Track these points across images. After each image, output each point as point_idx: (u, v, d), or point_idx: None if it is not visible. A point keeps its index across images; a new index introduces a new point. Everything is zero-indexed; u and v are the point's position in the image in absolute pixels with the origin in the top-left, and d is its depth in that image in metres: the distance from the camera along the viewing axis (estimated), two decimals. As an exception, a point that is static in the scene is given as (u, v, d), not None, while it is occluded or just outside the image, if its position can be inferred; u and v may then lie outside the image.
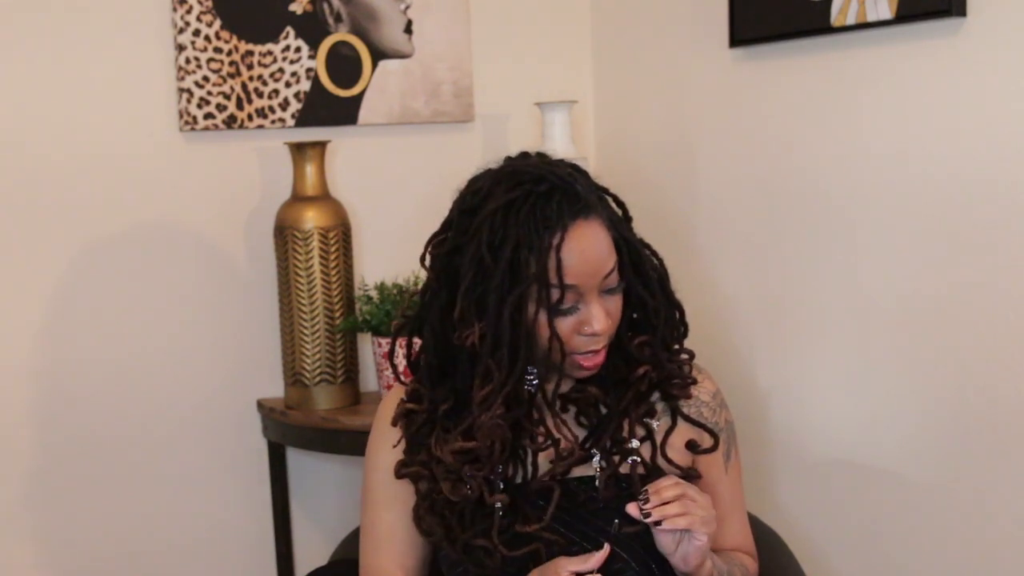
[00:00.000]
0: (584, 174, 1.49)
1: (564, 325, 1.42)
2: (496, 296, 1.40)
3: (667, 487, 1.39)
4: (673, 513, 1.37)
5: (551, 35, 2.68)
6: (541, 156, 1.51)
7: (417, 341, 1.56)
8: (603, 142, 2.68)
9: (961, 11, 1.78)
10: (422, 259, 1.52)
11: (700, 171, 2.38)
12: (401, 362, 1.59)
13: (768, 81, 2.19)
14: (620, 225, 1.48)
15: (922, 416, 1.93)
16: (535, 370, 1.45)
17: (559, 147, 2.36)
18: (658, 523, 1.37)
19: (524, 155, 1.52)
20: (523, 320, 1.40)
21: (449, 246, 1.47)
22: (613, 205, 1.51)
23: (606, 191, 1.51)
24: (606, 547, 1.38)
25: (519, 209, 1.40)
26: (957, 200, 1.83)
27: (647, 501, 1.38)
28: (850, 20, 1.94)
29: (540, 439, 1.45)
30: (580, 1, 2.69)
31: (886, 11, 1.88)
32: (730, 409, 1.61)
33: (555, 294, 1.39)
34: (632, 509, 1.38)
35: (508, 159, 1.51)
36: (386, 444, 1.55)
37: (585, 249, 1.40)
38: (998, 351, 1.79)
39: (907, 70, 1.90)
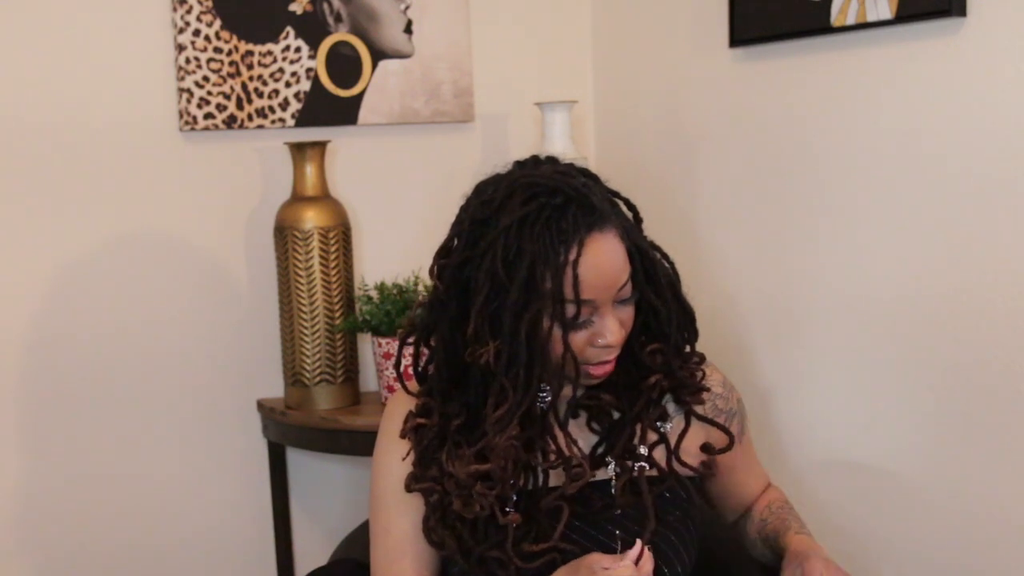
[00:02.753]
0: (596, 180, 1.47)
1: (577, 338, 1.40)
2: (512, 314, 1.37)
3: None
4: None
5: (551, 35, 2.68)
6: (552, 161, 1.48)
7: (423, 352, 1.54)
8: (603, 142, 2.68)
9: (961, 11, 1.78)
10: (431, 271, 1.48)
11: (700, 171, 2.38)
12: (406, 365, 1.57)
13: (768, 81, 2.19)
14: (633, 232, 1.46)
15: (922, 416, 1.93)
16: (547, 386, 1.43)
17: (559, 147, 2.36)
18: None
19: (535, 160, 1.48)
20: (538, 337, 1.38)
21: (459, 258, 1.43)
22: (624, 209, 1.49)
23: (617, 195, 1.49)
24: (638, 543, 1.35)
25: (534, 223, 1.37)
26: (958, 199, 1.83)
27: None
28: (850, 20, 1.94)
29: (552, 457, 1.43)
30: (580, 1, 2.69)
31: (886, 11, 1.88)
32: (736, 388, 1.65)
33: (571, 310, 1.37)
34: None
35: (518, 164, 1.48)
36: (395, 450, 1.53)
37: (601, 263, 1.37)
38: (998, 350, 1.79)
39: (907, 70, 1.90)
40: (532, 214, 1.37)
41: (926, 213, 1.89)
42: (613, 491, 1.46)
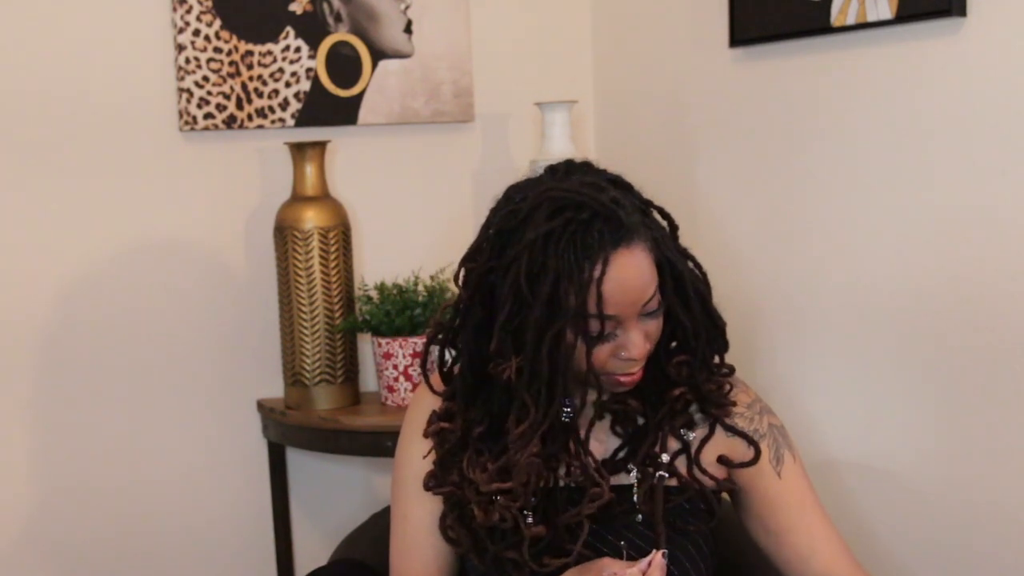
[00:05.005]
0: (628, 191, 1.45)
1: (600, 351, 1.39)
2: (535, 330, 1.36)
3: None
4: None
5: (551, 35, 2.68)
6: (585, 169, 1.46)
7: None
8: (603, 142, 2.68)
9: (961, 11, 1.78)
10: (455, 277, 1.48)
11: (700, 170, 2.38)
12: (432, 368, 1.57)
13: (768, 81, 2.19)
14: (664, 244, 1.43)
15: (922, 416, 1.93)
16: (570, 402, 1.43)
17: (559, 147, 2.36)
18: None
19: (567, 167, 1.47)
20: (560, 352, 1.37)
21: (484, 266, 1.42)
22: (659, 217, 1.48)
23: (651, 204, 1.48)
24: (654, 553, 1.34)
25: (559, 239, 1.35)
26: (958, 198, 1.83)
27: None
28: (850, 20, 1.94)
29: (575, 471, 1.43)
30: (580, 1, 2.69)
31: (886, 11, 1.88)
32: (775, 415, 1.58)
33: (595, 325, 1.36)
34: None
35: (550, 171, 1.46)
36: (418, 442, 1.54)
37: (626, 279, 1.36)
38: (998, 350, 1.79)
39: (907, 70, 1.90)
40: (557, 229, 1.35)
41: (926, 212, 1.89)
42: (635, 498, 1.46)
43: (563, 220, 1.36)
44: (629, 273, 1.36)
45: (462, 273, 1.47)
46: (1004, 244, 1.77)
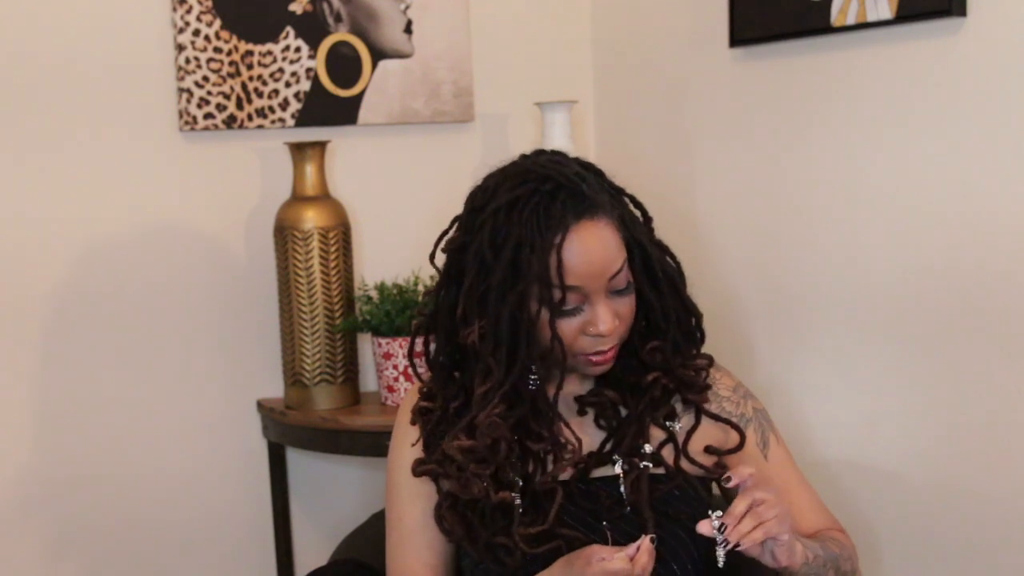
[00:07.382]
0: (596, 172, 1.48)
1: (568, 326, 1.41)
2: (496, 294, 1.40)
3: (736, 503, 1.33)
4: (747, 529, 1.31)
5: (551, 35, 2.68)
6: (556, 154, 1.50)
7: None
8: (603, 142, 2.68)
9: (961, 11, 1.78)
10: (431, 257, 1.51)
11: (700, 171, 2.38)
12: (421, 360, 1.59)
13: (768, 81, 2.19)
14: (633, 226, 1.46)
15: (922, 416, 1.93)
16: (536, 370, 1.44)
17: (558, 147, 2.35)
18: (736, 545, 1.32)
19: (538, 153, 1.51)
20: (523, 319, 1.40)
21: (457, 244, 1.47)
22: (632, 207, 1.50)
23: (622, 191, 1.50)
24: (643, 539, 1.34)
25: (523, 208, 1.39)
26: (957, 199, 1.83)
27: (722, 527, 1.32)
28: (850, 20, 1.94)
29: (543, 442, 1.45)
30: (580, 1, 2.69)
31: (886, 11, 1.88)
32: (758, 398, 1.61)
33: (556, 294, 1.38)
34: (704, 527, 1.33)
35: (522, 156, 1.51)
36: (407, 441, 1.55)
37: (588, 250, 1.39)
38: (998, 350, 1.79)
39: (907, 70, 1.90)
40: (522, 199, 1.40)
41: (925, 212, 1.89)
42: (622, 488, 1.47)
43: (527, 190, 1.40)
44: (590, 244, 1.39)
45: (438, 254, 1.50)
46: (1003, 243, 1.77)
